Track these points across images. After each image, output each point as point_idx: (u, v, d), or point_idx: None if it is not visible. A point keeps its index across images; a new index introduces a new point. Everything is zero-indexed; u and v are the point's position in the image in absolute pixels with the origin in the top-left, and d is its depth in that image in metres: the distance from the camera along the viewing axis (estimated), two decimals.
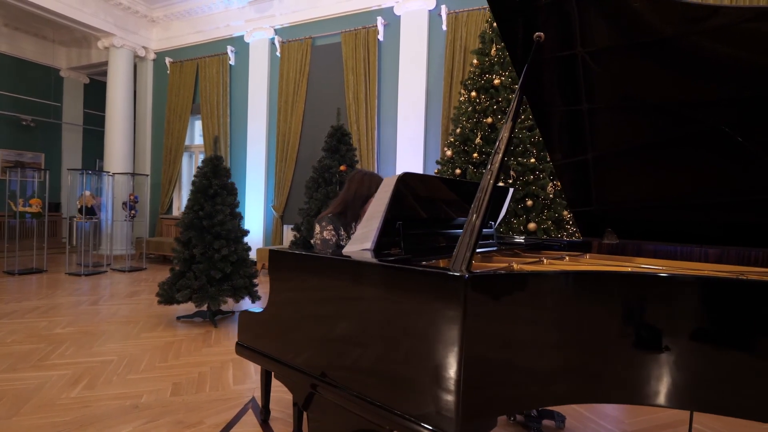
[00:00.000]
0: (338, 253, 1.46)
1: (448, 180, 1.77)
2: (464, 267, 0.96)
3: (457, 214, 1.82)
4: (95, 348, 3.23)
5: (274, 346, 1.33)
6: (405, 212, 1.52)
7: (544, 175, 3.76)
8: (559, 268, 1.48)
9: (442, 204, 1.73)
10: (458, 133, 4.09)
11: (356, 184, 2.00)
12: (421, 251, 1.55)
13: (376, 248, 1.45)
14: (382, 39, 6.45)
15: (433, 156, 6.03)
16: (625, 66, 1.70)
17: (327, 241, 1.90)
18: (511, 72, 3.98)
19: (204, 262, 3.80)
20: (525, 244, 2.14)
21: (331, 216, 1.96)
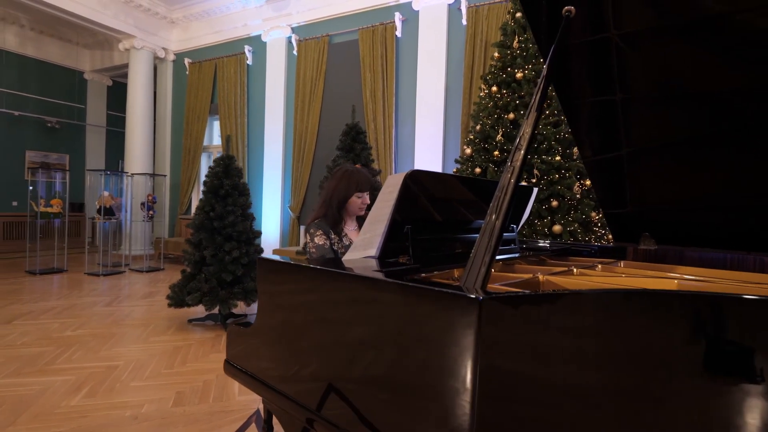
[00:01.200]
0: (332, 261, 1.29)
1: (463, 178, 1.58)
2: (479, 284, 0.78)
3: (474, 216, 1.64)
4: (103, 352, 3.16)
5: (263, 368, 1.17)
6: (414, 214, 1.34)
7: (570, 173, 3.52)
8: (593, 280, 1.28)
9: (456, 205, 1.54)
10: (478, 130, 3.88)
11: (334, 183, 1.80)
12: (433, 259, 1.37)
13: (382, 255, 1.28)
14: (400, 35, 6.28)
15: (453, 154, 5.82)
16: (666, 50, 1.49)
17: (321, 247, 1.73)
18: (535, 65, 3.75)
19: (214, 265, 3.70)
20: (551, 249, 1.93)
21: (318, 221, 1.78)
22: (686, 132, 1.66)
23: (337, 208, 1.78)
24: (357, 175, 1.79)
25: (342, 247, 1.78)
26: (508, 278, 1.32)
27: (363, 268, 1.18)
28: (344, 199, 1.78)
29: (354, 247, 1.29)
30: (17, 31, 9.07)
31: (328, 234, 1.76)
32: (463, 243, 1.55)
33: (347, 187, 1.77)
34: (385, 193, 1.22)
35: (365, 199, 1.81)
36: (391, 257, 1.31)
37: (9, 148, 8.95)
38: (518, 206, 1.84)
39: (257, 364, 1.21)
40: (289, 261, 1.15)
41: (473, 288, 0.77)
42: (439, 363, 0.73)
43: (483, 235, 0.89)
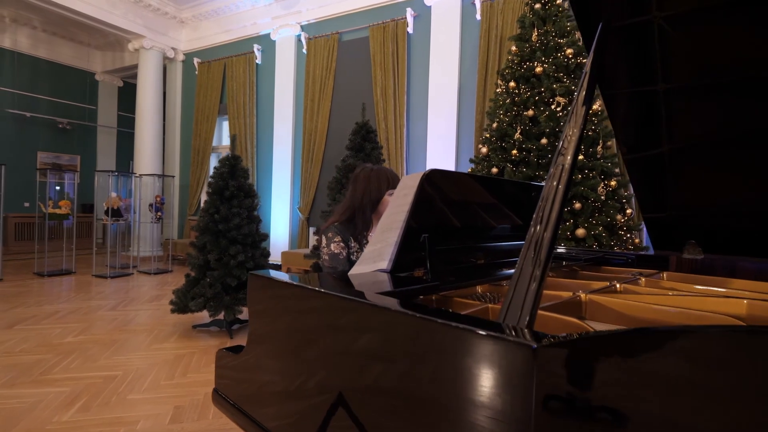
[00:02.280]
0: (337, 278, 1.12)
1: (486, 179, 1.40)
2: (525, 321, 0.60)
3: (496, 222, 1.45)
4: (101, 361, 3.03)
5: (253, 403, 1.00)
6: (432, 220, 1.16)
7: (594, 173, 3.30)
8: (644, 300, 1.08)
9: (479, 209, 1.36)
10: (494, 128, 3.68)
11: (363, 184, 1.64)
12: (453, 273, 1.19)
13: (394, 269, 1.10)
14: (411, 32, 6.10)
15: (467, 154, 5.62)
16: (717, 33, 1.29)
17: (336, 256, 1.57)
18: (556, 59, 3.53)
19: (219, 269, 3.56)
20: (583, 258, 1.73)
21: (338, 225, 1.63)
22: (738, 127, 1.46)
23: (370, 210, 1.64)
24: (385, 173, 1.67)
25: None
26: (544, 297, 1.13)
27: (372, 283, 1.00)
28: (377, 200, 1.64)
29: (362, 259, 1.11)
30: (30, 32, 9.10)
31: (347, 241, 1.61)
32: (487, 252, 1.36)
33: (378, 187, 1.64)
34: (398, 197, 1.04)
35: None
36: (405, 271, 1.14)
37: (21, 149, 8.98)
38: None
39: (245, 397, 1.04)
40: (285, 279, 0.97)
41: (519, 328, 0.58)
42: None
43: (525, 256, 0.70)
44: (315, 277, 1.03)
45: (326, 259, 1.60)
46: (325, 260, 1.61)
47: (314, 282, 0.94)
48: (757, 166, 1.49)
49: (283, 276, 0.98)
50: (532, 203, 1.57)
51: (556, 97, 3.45)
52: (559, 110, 3.41)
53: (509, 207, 1.43)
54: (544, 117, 3.44)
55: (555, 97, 3.45)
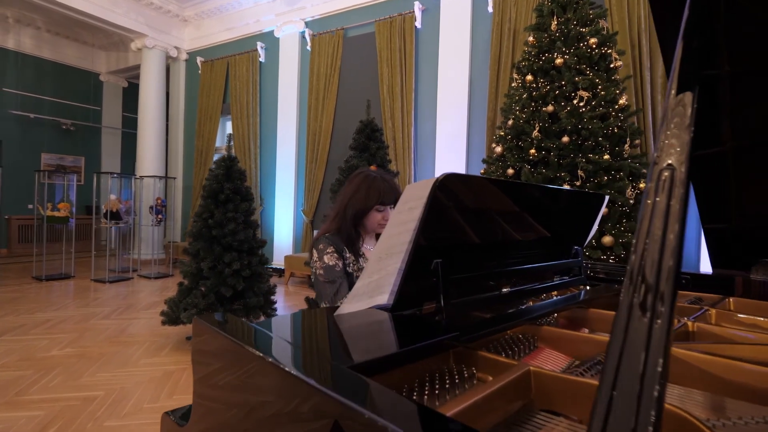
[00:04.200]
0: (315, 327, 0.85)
1: (514, 185, 1.12)
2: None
3: (526, 237, 1.17)
4: (84, 378, 2.80)
5: None
6: (447, 239, 0.89)
7: (622, 175, 3.00)
8: (738, 350, 0.80)
9: (506, 223, 1.08)
10: (510, 125, 3.39)
11: (351, 190, 1.41)
12: (474, 305, 0.92)
13: (397, 304, 0.83)
14: (419, 26, 5.82)
15: (478, 154, 5.33)
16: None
17: (331, 269, 1.34)
18: (578, 49, 3.24)
19: (213, 278, 3.32)
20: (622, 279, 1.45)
21: (330, 236, 1.40)
22: None
23: (352, 223, 1.40)
24: (379, 184, 1.40)
25: (358, 269, 1.39)
26: (593, 343, 0.85)
27: (367, 335, 0.73)
28: (361, 213, 1.40)
29: (355, 294, 0.84)
30: (33, 33, 8.99)
31: (342, 252, 1.38)
32: (513, 277, 1.09)
33: (366, 197, 1.39)
34: (401, 212, 0.78)
35: (387, 215, 1.42)
36: (410, 305, 0.87)
37: (25, 151, 8.87)
38: (585, 218, 1.37)
39: None
40: (232, 335, 0.67)
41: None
42: None
43: (630, 306, 0.43)
44: (284, 324, 0.76)
45: (321, 274, 1.37)
46: (320, 275, 1.37)
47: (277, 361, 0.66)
48: None
49: (237, 324, 0.71)
50: (568, 214, 1.29)
51: (578, 91, 3.15)
52: (582, 105, 3.12)
53: (542, 219, 1.15)
54: (565, 113, 3.14)
55: (577, 91, 3.16)
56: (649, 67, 4.42)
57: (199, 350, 0.73)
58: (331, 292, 1.33)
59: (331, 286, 1.33)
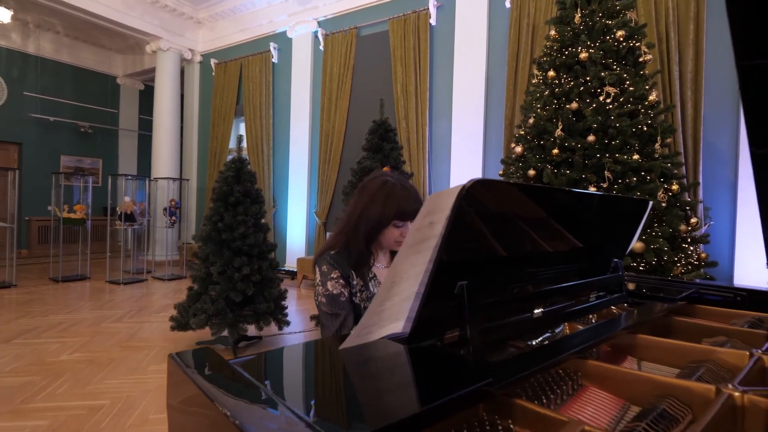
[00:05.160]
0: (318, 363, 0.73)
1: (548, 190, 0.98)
2: None
3: (556, 247, 1.03)
4: (92, 385, 2.74)
5: None
6: (473, 256, 0.76)
7: (653, 176, 2.81)
8: None
9: (535, 234, 0.94)
10: (531, 124, 3.22)
11: (365, 200, 1.17)
12: (504, 333, 0.78)
13: (415, 333, 0.70)
14: (434, 23, 5.68)
15: (494, 155, 5.16)
16: None
17: (335, 298, 1.15)
18: (604, 42, 3.05)
19: (222, 283, 3.23)
20: (671, 297, 1.28)
21: (334, 255, 1.19)
22: None
23: (365, 240, 1.17)
24: (399, 193, 1.16)
25: (366, 299, 1.19)
26: (655, 385, 0.70)
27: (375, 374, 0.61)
28: (377, 228, 1.16)
29: (361, 331, 0.70)
30: (53, 37, 9.11)
31: (347, 277, 1.18)
32: (546, 298, 0.95)
33: (383, 210, 1.14)
34: (421, 228, 0.65)
35: (407, 231, 1.19)
36: (429, 333, 0.74)
37: (44, 153, 8.98)
38: (626, 227, 1.22)
39: None
40: (209, 381, 0.53)
41: None
42: None
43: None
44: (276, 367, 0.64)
45: (323, 303, 1.18)
46: (322, 303, 1.18)
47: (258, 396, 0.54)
48: None
49: (216, 367, 0.59)
50: (608, 222, 1.14)
51: (605, 87, 2.97)
52: (609, 102, 2.94)
53: (579, 229, 1.01)
54: (590, 110, 2.96)
55: (603, 87, 2.98)
56: (678, 62, 4.20)
57: (173, 397, 0.61)
58: (333, 326, 1.15)
59: (335, 320, 1.15)
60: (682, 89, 4.19)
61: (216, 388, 0.50)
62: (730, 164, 3.99)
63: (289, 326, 3.64)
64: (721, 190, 3.99)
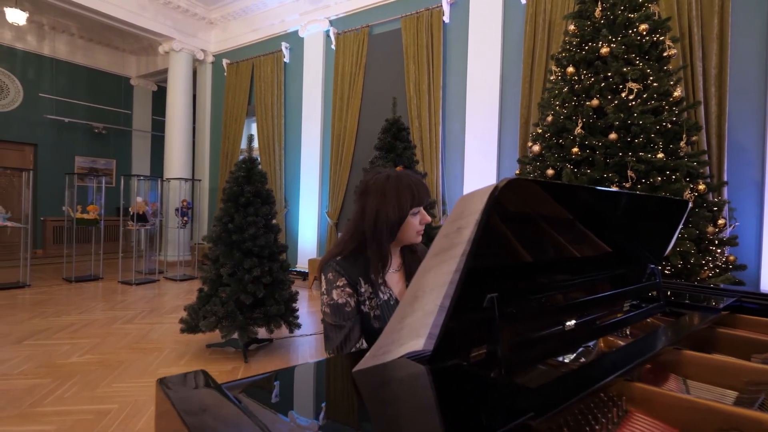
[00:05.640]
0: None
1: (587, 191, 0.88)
2: None
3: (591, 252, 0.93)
4: (101, 388, 2.70)
5: None
6: (504, 264, 0.67)
7: (678, 175, 2.68)
8: None
9: (570, 238, 0.84)
10: (549, 121, 3.11)
11: (375, 200, 1.10)
12: (540, 356, 0.69)
13: (439, 351, 0.62)
14: (447, 21, 5.58)
15: (509, 154, 5.05)
16: None
17: (340, 308, 1.08)
18: (626, 37, 2.93)
19: (232, 285, 3.18)
20: (714, 307, 1.17)
21: (340, 261, 1.12)
22: None
23: (387, 239, 1.11)
24: (407, 181, 1.12)
25: (376, 307, 1.11)
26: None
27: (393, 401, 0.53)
28: (397, 222, 1.11)
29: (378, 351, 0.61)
30: (68, 39, 9.21)
31: (356, 284, 1.11)
32: (583, 310, 0.86)
33: (398, 203, 1.09)
34: (448, 235, 0.57)
35: (425, 217, 1.15)
36: (454, 351, 0.65)
37: (59, 154, 9.08)
38: (663, 230, 1.12)
39: None
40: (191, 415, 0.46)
41: None
42: None
43: None
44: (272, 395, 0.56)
45: (327, 313, 1.11)
46: (326, 313, 1.11)
47: None
48: None
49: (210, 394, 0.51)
50: (645, 224, 1.04)
51: (627, 82, 2.85)
52: (632, 98, 2.82)
53: (616, 232, 0.91)
54: (611, 107, 2.85)
55: (626, 83, 2.86)
56: (701, 57, 4.05)
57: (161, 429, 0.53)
58: (338, 339, 1.08)
59: (339, 332, 1.08)
60: (706, 86, 4.03)
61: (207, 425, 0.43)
62: (756, 163, 3.82)
63: (300, 329, 3.57)
64: (747, 190, 3.83)
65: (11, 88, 8.34)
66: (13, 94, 8.37)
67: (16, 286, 5.59)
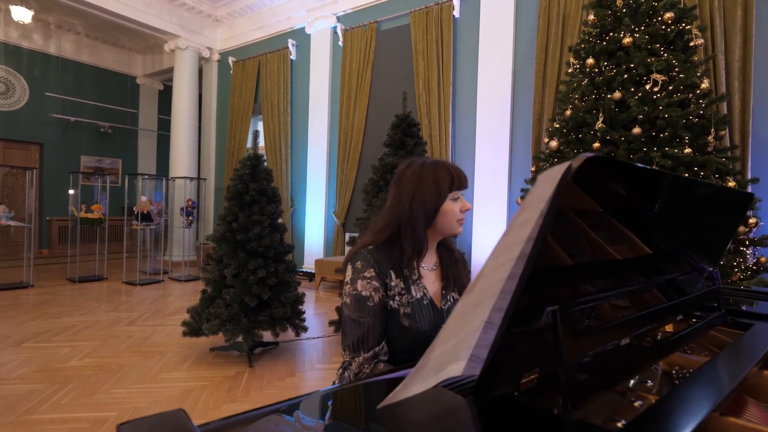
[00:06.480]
0: None
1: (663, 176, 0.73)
2: None
3: (647, 249, 0.79)
4: (99, 395, 2.59)
5: None
6: (567, 267, 0.53)
7: (707, 171, 2.53)
8: None
9: (635, 235, 0.70)
10: (568, 116, 2.96)
11: (411, 186, 1.02)
12: (605, 382, 0.56)
13: (486, 380, 0.49)
14: (457, 15, 5.44)
15: (523, 151, 4.90)
16: None
17: (363, 301, 0.98)
18: (650, 26, 2.78)
19: (236, 286, 3.06)
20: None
21: (373, 250, 1.03)
22: None
23: (423, 225, 1.03)
24: (445, 167, 1.04)
25: (407, 304, 1.01)
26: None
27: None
28: (434, 209, 1.02)
29: (417, 376, 0.48)
30: (74, 38, 9.17)
31: (384, 276, 1.01)
32: (644, 322, 0.72)
33: (437, 188, 1.01)
34: (512, 230, 0.43)
35: (465, 204, 1.06)
36: (502, 378, 0.52)
37: (65, 153, 9.04)
38: (722, 226, 0.98)
39: None
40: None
41: None
42: None
43: None
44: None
45: (347, 304, 1.01)
46: (346, 304, 1.02)
47: None
48: None
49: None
50: (706, 218, 0.90)
51: (651, 74, 2.70)
52: (657, 90, 2.66)
53: (680, 227, 0.77)
54: (634, 100, 2.69)
55: (650, 75, 2.70)
56: (724, 50, 3.88)
57: None
58: (354, 335, 0.98)
59: (356, 328, 0.98)
60: (729, 79, 3.87)
61: None
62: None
63: (307, 332, 3.45)
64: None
65: (17, 87, 8.31)
66: (19, 93, 8.34)
67: (20, 287, 5.52)
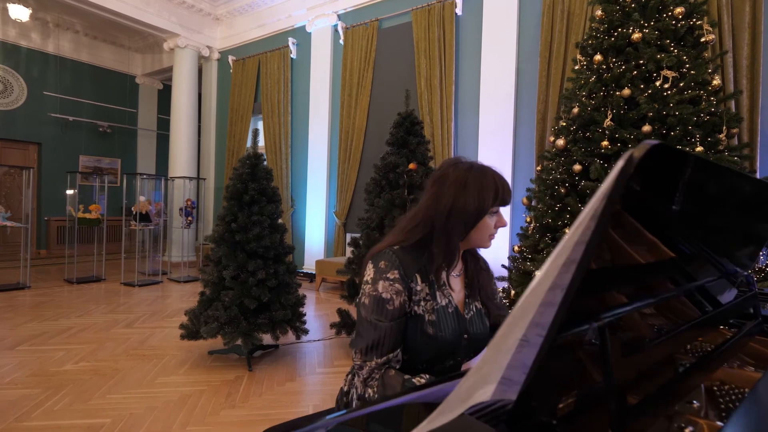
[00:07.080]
0: None
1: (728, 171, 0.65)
2: None
3: (693, 255, 0.72)
4: (93, 400, 2.51)
5: None
6: (616, 276, 0.46)
7: None
8: None
9: (686, 238, 0.63)
10: (575, 114, 2.89)
11: (453, 190, 0.95)
12: (652, 409, 0.48)
13: (521, 406, 0.41)
14: (460, 12, 5.37)
15: (527, 150, 4.83)
16: None
17: (382, 304, 0.91)
18: (660, 21, 2.70)
19: (236, 288, 2.99)
20: None
21: (399, 250, 0.97)
22: None
23: (458, 236, 0.97)
24: (493, 177, 0.98)
25: (432, 311, 0.94)
26: None
27: None
28: (474, 220, 0.96)
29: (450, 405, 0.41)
30: (72, 37, 9.10)
31: (409, 279, 0.94)
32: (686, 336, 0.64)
33: (479, 197, 0.94)
34: (569, 236, 0.36)
35: (502, 220, 1.02)
36: (537, 404, 0.44)
37: (63, 153, 8.97)
38: (758, 225, 0.90)
39: None
40: None
41: None
42: None
43: None
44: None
45: (365, 304, 0.94)
46: (364, 305, 0.94)
47: None
48: None
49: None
50: (742, 217, 0.82)
51: (662, 70, 2.62)
52: (667, 87, 2.59)
53: (719, 227, 0.70)
54: (644, 97, 2.62)
55: (660, 71, 2.63)
56: (732, 47, 3.81)
57: None
58: (369, 338, 0.91)
59: (372, 331, 0.91)
60: (737, 77, 3.80)
61: None
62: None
63: (308, 335, 3.38)
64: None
65: (15, 86, 8.24)
66: (17, 92, 8.27)
67: (16, 288, 5.45)
